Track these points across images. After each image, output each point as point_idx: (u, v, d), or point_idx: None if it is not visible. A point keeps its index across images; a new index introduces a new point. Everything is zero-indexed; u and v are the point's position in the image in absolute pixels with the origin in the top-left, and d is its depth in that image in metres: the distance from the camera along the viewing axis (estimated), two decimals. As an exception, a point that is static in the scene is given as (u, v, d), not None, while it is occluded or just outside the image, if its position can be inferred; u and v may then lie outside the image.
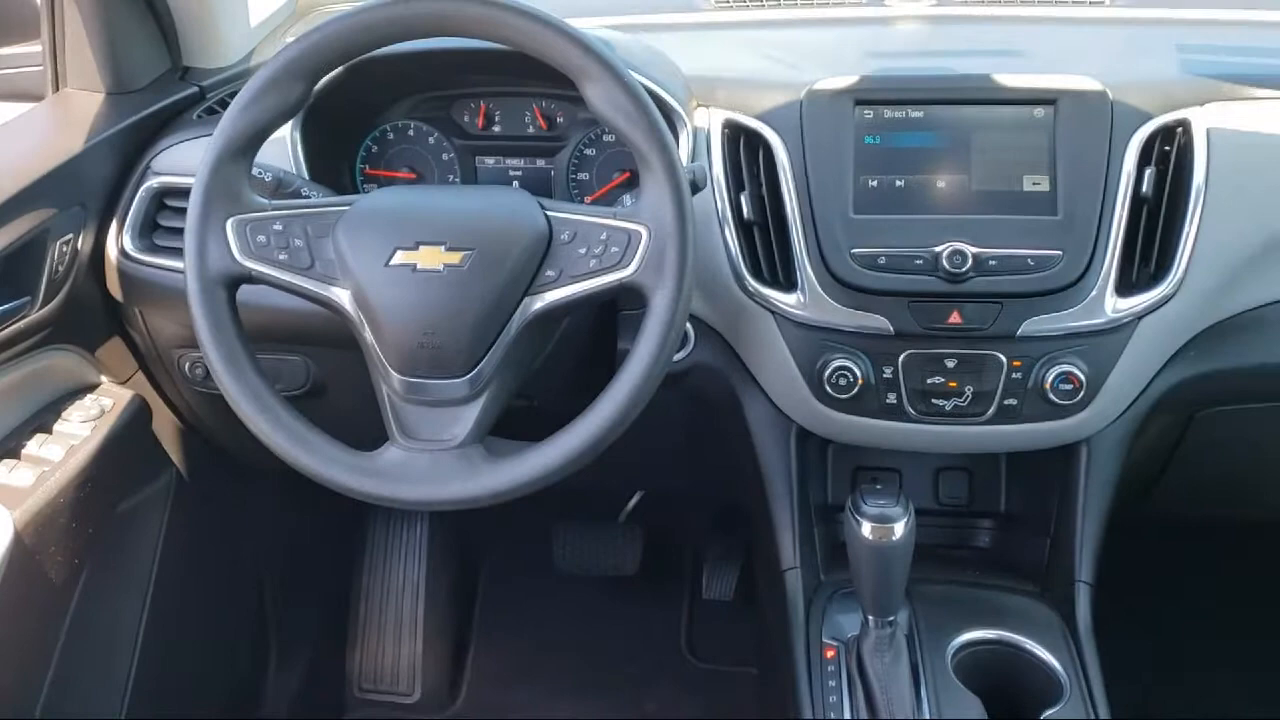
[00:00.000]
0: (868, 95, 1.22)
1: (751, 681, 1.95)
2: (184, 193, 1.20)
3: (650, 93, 1.15)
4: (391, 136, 1.38)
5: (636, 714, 1.93)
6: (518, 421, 1.08)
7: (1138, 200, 1.17)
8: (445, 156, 1.38)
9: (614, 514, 2.07)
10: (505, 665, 2.05)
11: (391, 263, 1.01)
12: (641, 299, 1.00)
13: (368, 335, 1.03)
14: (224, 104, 1.39)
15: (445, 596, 2.07)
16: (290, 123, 1.23)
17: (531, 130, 1.36)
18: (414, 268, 1.00)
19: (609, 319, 1.27)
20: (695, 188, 1.08)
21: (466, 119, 1.38)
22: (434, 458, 1.01)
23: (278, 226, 1.04)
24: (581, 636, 2.07)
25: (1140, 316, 1.17)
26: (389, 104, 1.37)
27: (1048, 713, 1.14)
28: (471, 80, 1.35)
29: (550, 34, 0.98)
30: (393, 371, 1.02)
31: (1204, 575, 1.94)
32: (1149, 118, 1.19)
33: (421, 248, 1.01)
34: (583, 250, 1.01)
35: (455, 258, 1.00)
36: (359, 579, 2.07)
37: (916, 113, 1.22)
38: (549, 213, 1.03)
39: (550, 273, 1.01)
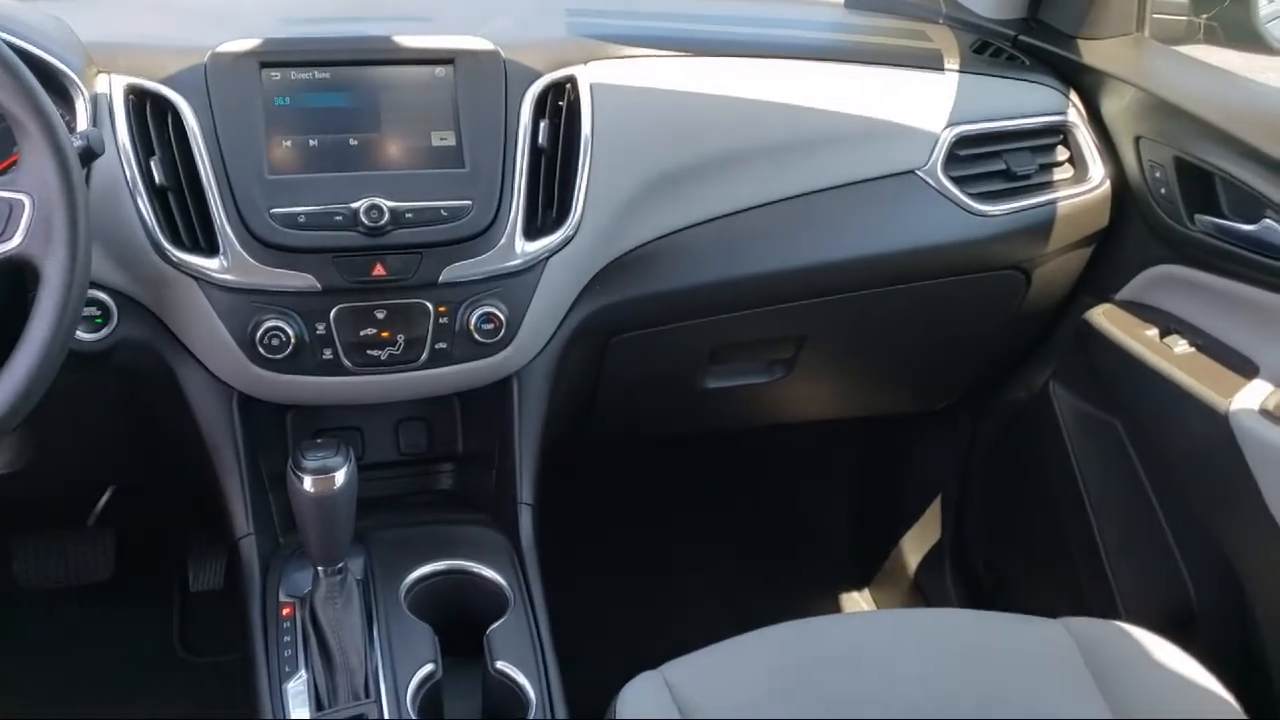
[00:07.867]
0: (272, 58, 1.23)
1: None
2: None
3: (31, 58, 1.10)
4: None
5: None
6: None
7: (536, 151, 1.26)
8: None
9: (84, 518, 1.93)
10: None
11: None
12: (34, 272, 0.95)
13: None
14: None
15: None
16: None
17: None
18: None
19: (19, 304, 1.18)
20: (91, 154, 1.04)
21: None
22: None
23: None
24: (59, 654, 1.91)
25: (548, 257, 1.27)
26: None
27: (494, 625, 1.23)
28: None
29: None
30: None
31: (654, 486, 2.17)
32: (539, 75, 1.29)
33: None
34: None
35: None
36: None
37: (324, 74, 1.24)
38: None
39: None
